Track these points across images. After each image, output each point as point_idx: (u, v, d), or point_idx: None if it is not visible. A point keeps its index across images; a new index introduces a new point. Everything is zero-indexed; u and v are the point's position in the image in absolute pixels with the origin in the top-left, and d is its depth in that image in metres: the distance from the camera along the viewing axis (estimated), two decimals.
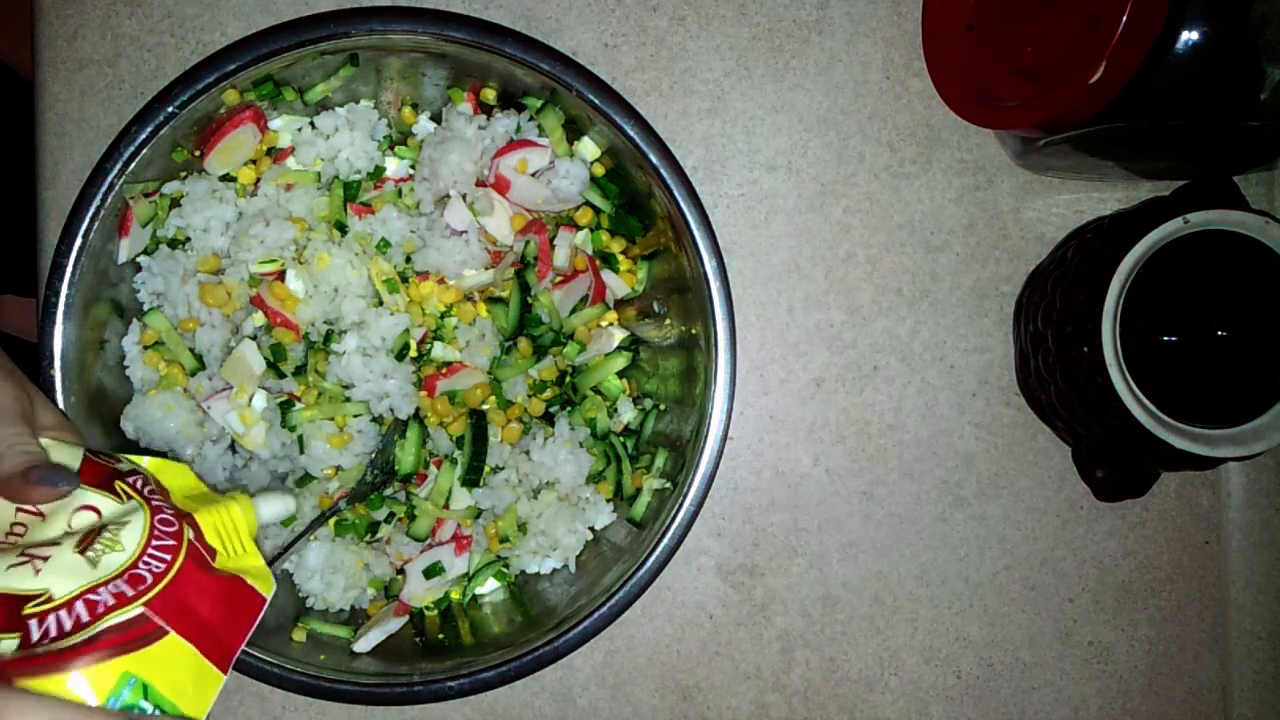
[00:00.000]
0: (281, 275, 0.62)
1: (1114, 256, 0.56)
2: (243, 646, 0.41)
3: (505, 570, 0.66)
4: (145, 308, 0.63)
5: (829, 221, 0.69)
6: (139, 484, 0.42)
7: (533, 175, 0.64)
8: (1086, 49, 0.52)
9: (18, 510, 0.40)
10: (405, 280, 0.64)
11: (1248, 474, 0.69)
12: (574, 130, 0.64)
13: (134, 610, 0.38)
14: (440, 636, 0.64)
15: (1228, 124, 0.56)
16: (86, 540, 0.39)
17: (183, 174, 0.63)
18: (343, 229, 0.63)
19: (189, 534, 0.41)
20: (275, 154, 0.65)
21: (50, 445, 0.42)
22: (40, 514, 0.40)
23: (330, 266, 0.62)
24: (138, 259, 0.63)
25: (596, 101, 0.60)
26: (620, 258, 0.67)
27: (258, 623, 0.42)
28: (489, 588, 0.67)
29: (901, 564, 0.69)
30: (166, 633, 0.38)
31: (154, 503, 0.41)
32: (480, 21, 0.59)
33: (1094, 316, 0.56)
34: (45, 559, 0.39)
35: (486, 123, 0.63)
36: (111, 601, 0.38)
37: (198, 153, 0.62)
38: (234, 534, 0.44)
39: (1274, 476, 0.69)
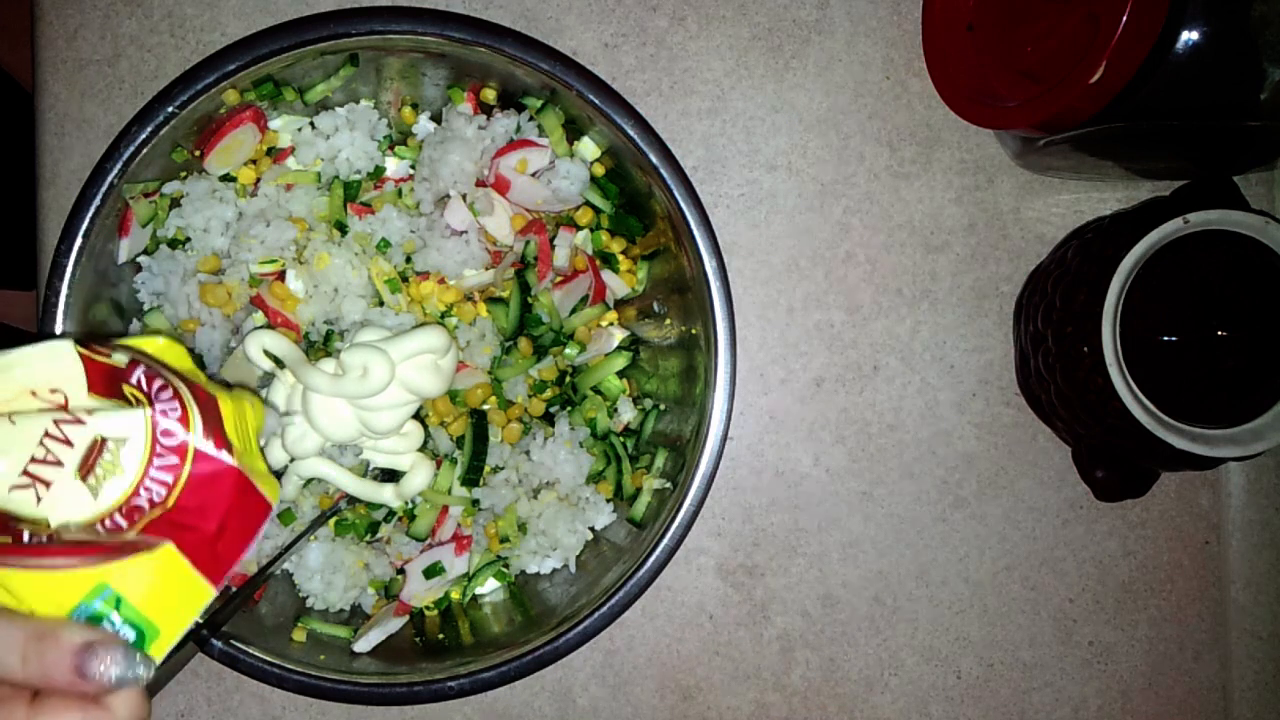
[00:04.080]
0: (281, 275, 0.62)
1: (1114, 256, 0.56)
2: (241, 559, 0.39)
3: (505, 570, 0.66)
4: (145, 308, 0.63)
5: (829, 221, 0.69)
6: (144, 382, 0.39)
7: (533, 175, 0.64)
8: (1086, 49, 0.52)
9: (58, 422, 0.38)
10: (405, 280, 0.64)
11: (1248, 474, 0.69)
12: (574, 130, 0.64)
13: (129, 533, 0.37)
14: (440, 636, 0.64)
15: (1228, 124, 0.56)
16: (88, 461, 0.37)
17: (183, 174, 0.63)
18: (343, 229, 0.63)
19: (194, 439, 0.39)
20: (275, 154, 0.65)
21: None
22: (81, 421, 0.38)
23: (330, 266, 0.62)
24: (138, 259, 0.63)
25: (596, 101, 0.60)
26: (620, 258, 0.67)
27: (261, 533, 0.40)
28: (489, 588, 0.67)
29: (901, 564, 0.69)
30: (160, 544, 0.37)
31: (159, 407, 0.38)
32: (480, 21, 0.59)
33: (1094, 316, 0.56)
34: (48, 484, 0.37)
35: (486, 123, 0.63)
36: (104, 533, 0.37)
37: (198, 153, 0.62)
38: (247, 432, 0.42)
39: (1274, 476, 0.69)
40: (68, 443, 0.37)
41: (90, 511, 0.38)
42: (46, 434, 0.37)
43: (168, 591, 0.37)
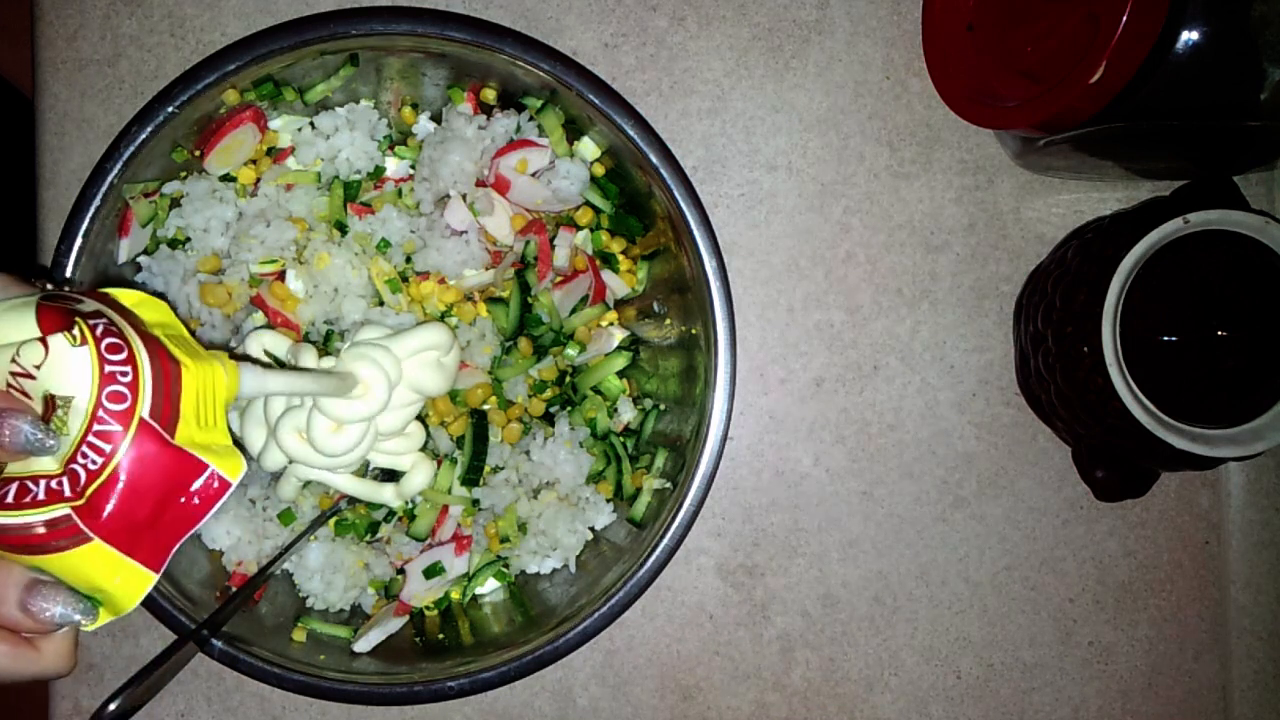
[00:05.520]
0: (282, 275, 0.62)
1: (1114, 256, 0.56)
2: (185, 538, 0.38)
3: (505, 570, 0.66)
4: None
5: (829, 221, 0.69)
6: (100, 331, 0.37)
7: (533, 175, 0.64)
8: (1086, 49, 0.52)
9: (14, 375, 0.36)
10: (405, 280, 0.64)
11: (1248, 474, 0.69)
12: (574, 130, 0.64)
13: (60, 510, 0.36)
14: (440, 636, 0.64)
15: (1228, 124, 0.56)
16: (44, 416, 0.36)
17: (183, 174, 0.63)
18: (343, 229, 0.63)
19: (142, 408, 0.36)
20: (275, 154, 0.65)
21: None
22: (32, 375, 0.36)
23: (330, 266, 0.62)
24: (138, 259, 0.63)
25: (596, 101, 0.60)
26: (620, 258, 0.67)
27: (214, 510, 0.39)
28: (489, 588, 0.67)
29: (901, 564, 0.69)
30: (89, 539, 0.36)
31: (107, 369, 0.36)
32: (480, 21, 0.59)
33: (1094, 316, 0.56)
34: None
35: (486, 123, 0.63)
36: (43, 496, 0.36)
37: (198, 153, 0.62)
38: (211, 401, 0.40)
39: (1274, 476, 0.69)
40: (26, 396, 0.36)
41: (33, 466, 0.37)
42: (9, 384, 0.36)
43: (104, 580, 0.37)
